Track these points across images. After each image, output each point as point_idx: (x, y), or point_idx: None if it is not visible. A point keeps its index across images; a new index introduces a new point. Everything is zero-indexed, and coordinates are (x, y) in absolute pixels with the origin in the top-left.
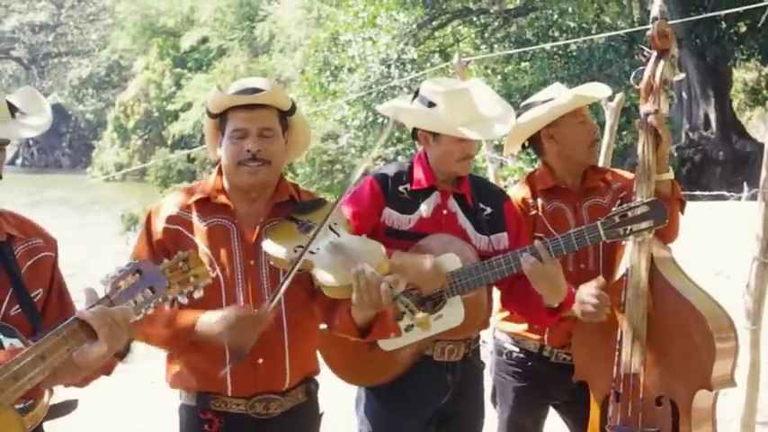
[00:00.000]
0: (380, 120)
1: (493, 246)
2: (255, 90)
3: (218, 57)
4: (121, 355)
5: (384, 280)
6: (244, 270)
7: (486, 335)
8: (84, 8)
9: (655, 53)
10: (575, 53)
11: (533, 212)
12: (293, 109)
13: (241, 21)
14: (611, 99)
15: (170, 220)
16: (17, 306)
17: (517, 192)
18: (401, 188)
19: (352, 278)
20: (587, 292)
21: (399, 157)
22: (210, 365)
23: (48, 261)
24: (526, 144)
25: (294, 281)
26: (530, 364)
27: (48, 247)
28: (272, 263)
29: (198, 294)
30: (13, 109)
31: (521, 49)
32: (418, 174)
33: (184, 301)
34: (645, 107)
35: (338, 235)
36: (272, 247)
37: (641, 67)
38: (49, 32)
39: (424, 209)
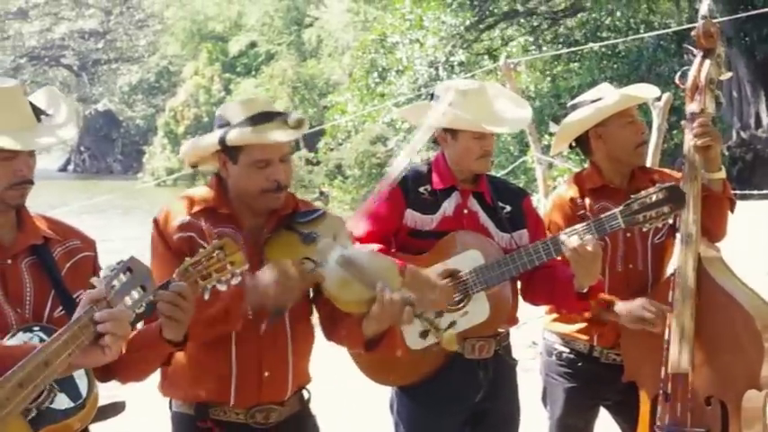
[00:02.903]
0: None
1: (516, 243)
2: (268, 115)
3: (266, 61)
4: (179, 344)
5: (407, 299)
6: None
7: (536, 336)
8: (133, 14)
9: (701, 52)
10: (623, 53)
11: (581, 212)
12: None
13: (289, 25)
14: (658, 99)
15: (183, 227)
16: (60, 308)
17: (565, 191)
18: (422, 189)
19: (375, 297)
20: (642, 305)
21: None
22: (216, 375)
23: (87, 261)
24: (573, 144)
25: None
26: (579, 364)
27: (86, 247)
28: None
29: (236, 281)
30: (38, 111)
31: (569, 50)
32: (437, 175)
33: (223, 288)
34: (690, 107)
35: (344, 246)
36: (275, 259)
37: (686, 67)
38: (98, 39)
39: (446, 206)
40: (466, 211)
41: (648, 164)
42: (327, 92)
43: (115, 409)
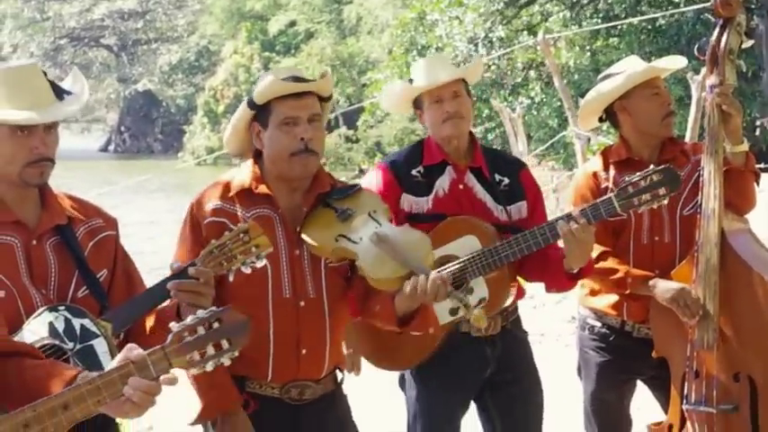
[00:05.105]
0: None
1: (511, 216)
2: (299, 78)
3: (305, 40)
4: None
5: (441, 277)
6: (289, 260)
7: (575, 311)
8: None
9: (720, 21)
10: (663, 27)
11: (605, 185)
12: (330, 96)
13: (329, 3)
14: (697, 72)
15: (215, 212)
16: (84, 288)
17: (589, 165)
18: (414, 172)
19: (407, 274)
20: (686, 291)
21: (489, 135)
22: (253, 351)
23: (110, 240)
24: (603, 117)
25: (333, 271)
26: (612, 338)
27: (108, 226)
28: (312, 251)
29: (260, 264)
30: (60, 90)
31: (608, 24)
32: (427, 152)
33: (248, 270)
34: (710, 79)
35: (379, 223)
36: (311, 236)
37: (704, 38)
38: (137, 19)
39: (439, 185)
40: (461, 187)
41: (687, 137)
42: (367, 69)
43: None
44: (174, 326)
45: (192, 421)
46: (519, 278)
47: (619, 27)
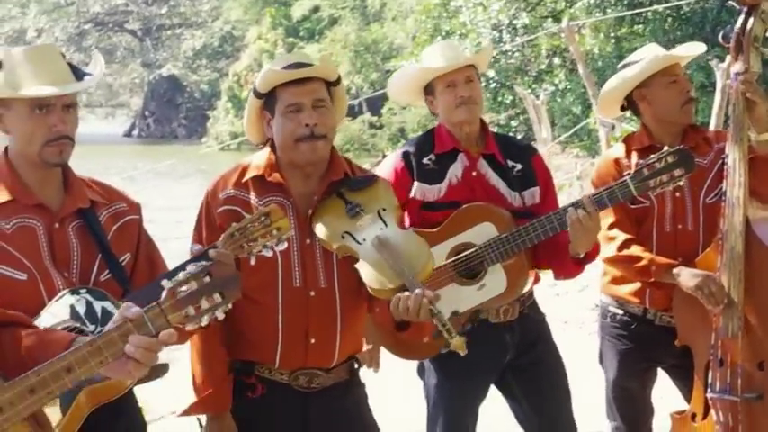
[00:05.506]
0: (492, 85)
1: (525, 202)
2: (301, 65)
3: (329, 25)
4: None
5: (426, 296)
6: (300, 248)
7: (596, 298)
8: None
9: (744, 9)
10: (688, 14)
11: (627, 172)
12: (339, 79)
13: None
14: (721, 60)
15: (228, 200)
16: (107, 271)
17: (612, 152)
18: (425, 160)
19: (401, 286)
20: (711, 279)
21: (512, 122)
22: (262, 338)
23: (133, 224)
24: (625, 105)
25: (346, 261)
26: (633, 326)
27: (131, 210)
28: (320, 243)
29: (281, 247)
30: (79, 72)
31: (632, 12)
32: (438, 140)
33: (269, 253)
34: (734, 67)
35: (385, 224)
36: (320, 227)
37: (729, 26)
38: (161, 4)
39: (452, 173)
40: (474, 174)
41: (712, 125)
42: (391, 56)
43: (158, 371)
44: (166, 282)
45: (181, 413)
46: None
47: (643, 14)
